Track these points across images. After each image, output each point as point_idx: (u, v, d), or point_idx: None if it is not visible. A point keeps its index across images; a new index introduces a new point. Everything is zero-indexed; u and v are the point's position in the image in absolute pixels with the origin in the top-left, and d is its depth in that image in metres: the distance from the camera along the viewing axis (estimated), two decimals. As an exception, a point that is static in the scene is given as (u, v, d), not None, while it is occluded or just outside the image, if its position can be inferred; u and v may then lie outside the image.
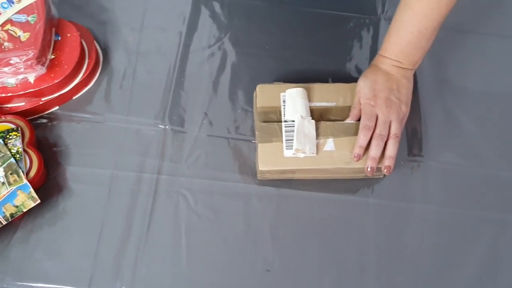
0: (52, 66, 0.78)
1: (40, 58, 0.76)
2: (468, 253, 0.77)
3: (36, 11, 0.79)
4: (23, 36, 0.76)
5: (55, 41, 0.80)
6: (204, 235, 0.76)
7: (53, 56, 0.79)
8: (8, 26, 0.78)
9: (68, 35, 0.80)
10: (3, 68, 0.75)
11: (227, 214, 0.78)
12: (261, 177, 0.78)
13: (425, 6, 0.70)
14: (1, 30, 0.76)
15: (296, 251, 0.76)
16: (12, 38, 0.76)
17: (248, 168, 0.80)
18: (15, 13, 0.79)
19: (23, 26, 0.78)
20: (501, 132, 0.85)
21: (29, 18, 0.77)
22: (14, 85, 0.77)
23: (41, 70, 0.77)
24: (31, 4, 0.79)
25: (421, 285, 0.75)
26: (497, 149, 0.83)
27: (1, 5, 0.78)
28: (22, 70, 0.76)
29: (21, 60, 0.75)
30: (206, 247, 0.76)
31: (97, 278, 0.73)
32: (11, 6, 0.78)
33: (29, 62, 0.75)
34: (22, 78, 0.77)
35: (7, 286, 0.73)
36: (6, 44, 0.76)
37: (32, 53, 0.75)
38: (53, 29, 0.81)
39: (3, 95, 0.77)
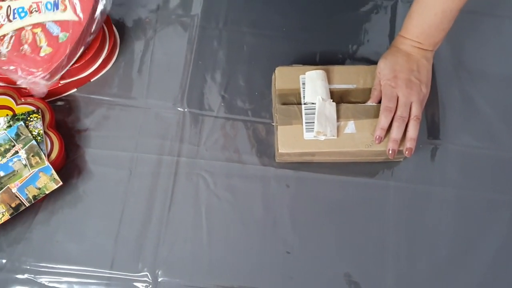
0: (73, 49, 0.78)
1: (48, 78, 0.73)
2: (485, 235, 0.77)
3: (71, 30, 0.74)
4: (44, 49, 0.72)
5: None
6: (224, 217, 0.77)
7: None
8: (39, 30, 0.74)
9: (88, 18, 0.80)
10: (8, 67, 0.72)
11: (246, 196, 0.78)
12: (279, 159, 0.79)
13: None
14: (30, 30, 0.74)
15: (315, 234, 0.76)
16: (34, 45, 0.73)
17: (266, 150, 0.81)
18: (53, 21, 0.75)
19: (51, 39, 0.74)
20: (518, 115, 0.85)
21: (61, 35, 0.73)
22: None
23: (44, 85, 0.73)
24: (71, 21, 0.74)
25: (440, 266, 0.75)
26: (515, 131, 0.83)
27: (45, 5, 0.74)
28: (22, 81, 0.73)
29: (25, 76, 0.71)
30: (226, 229, 0.76)
31: (119, 260, 0.74)
32: (54, 11, 0.74)
33: (32, 79, 0.72)
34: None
35: (30, 267, 0.73)
36: (25, 47, 0.73)
37: (40, 74, 0.72)
38: (81, 49, 0.77)
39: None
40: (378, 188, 0.79)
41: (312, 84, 0.75)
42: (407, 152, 0.73)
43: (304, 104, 0.75)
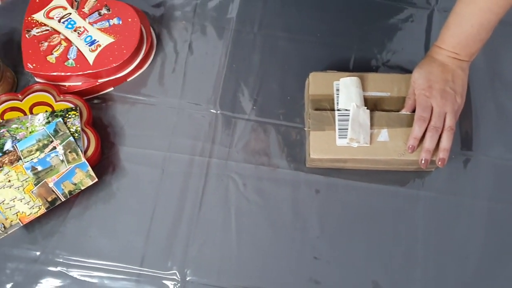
0: (111, 50, 0.80)
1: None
2: (516, 249, 0.77)
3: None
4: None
5: (116, 25, 0.81)
6: (253, 219, 0.77)
7: (113, 39, 0.80)
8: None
9: (129, 20, 0.81)
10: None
11: (275, 200, 0.78)
12: (310, 165, 0.79)
13: (491, 0, 0.69)
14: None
15: (344, 240, 0.76)
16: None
17: (296, 155, 0.81)
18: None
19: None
20: (553, 128, 0.84)
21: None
22: (74, 65, 0.78)
23: None
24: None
25: (468, 279, 0.75)
26: (549, 145, 0.82)
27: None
28: None
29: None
30: (255, 232, 0.77)
31: (149, 257, 0.75)
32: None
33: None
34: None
35: (62, 260, 0.75)
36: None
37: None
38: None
39: (62, 73, 0.78)
40: (409, 197, 0.79)
41: (347, 90, 0.75)
42: (440, 162, 0.73)
43: (338, 110, 0.75)
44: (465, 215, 0.78)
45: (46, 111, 0.77)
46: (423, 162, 0.73)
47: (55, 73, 0.78)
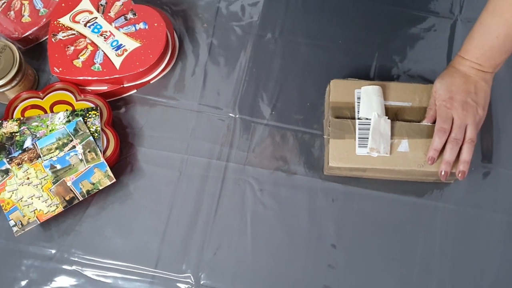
0: (138, 54, 0.80)
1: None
2: (534, 265, 0.76)
3: (51, 8, 0.84)
4: (25, 18, 0.83)
5: (142, 29, 0.81)
6: (268, 225, 0.77)
7: (139, 44, 0.80)
8: (26, 2, 0.82)
9: (155, 24, 0.81)
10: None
11: (292, 207, 0.78)
12: (328, 172, 0.78)
13: None
14: (20, 0, 0.81)
15: (360, 250, 0.76)
16: (19, 13, 0.82)
17: (314, 162, 0.81)
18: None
19: (33, 11, 0.84)
20: None
21: (42, 10, 0.83)
22: (101, 69, 0.79)
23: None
24: (53, 1, 0.85)
25: (485, 293, 0.74)
26: None
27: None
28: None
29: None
30: (271, 237, 0.76)
31: (164, 259, 0.75)
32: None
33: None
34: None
35: (77, 259, 0.75)
36: (11, 13, 0.82)
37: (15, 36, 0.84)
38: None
39: (89, 78, 0.79)
40: (427, 209, 0.78)
41: (368, 99, 0.75)
42: (459, 174, 0.72)
43: (358, 119, 0.75)
44: (484, 228, 0.77)
45: (67, 110, 0.77)
46: (442, 174, 0.72)
47: (81, 77, 0.79)
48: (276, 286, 0.74)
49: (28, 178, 0.73)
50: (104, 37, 0.80)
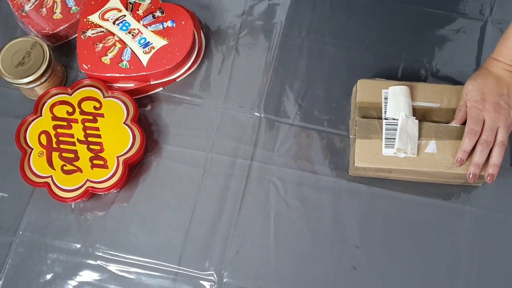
0: (165, 52, 0.80)
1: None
2: None
3: (82, 7, 0.85)
4: (57, 15, 0.84)
5: (170, 27, 0.82)
6: (292, 225, 0.77)
7: (166, 42, 0.81)
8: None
9: (183, 22, 0.82)
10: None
11: (315, 207, 0.78)
12: (353, 173, 0.78)
13: None
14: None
15: (384, 252, 0.75)
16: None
17: (339, 162, 0.80)
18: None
19: (65, 8, 0.85)
20: None
21: (73, 7, 0.85)
22: (128, 67, 0.79)
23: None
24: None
25: (513, 300, 0.72)
26: None
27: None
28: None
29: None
30: (294, 237, 0.76)
31: (187, 256, 0.75)
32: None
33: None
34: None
35: (102, 254, 0.76)
36: (43, 10, 0.84)
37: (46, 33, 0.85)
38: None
39: (117, 74, 0.79)
40: (453, 212, 0.76)
41: (395, 99, 0.74)
42: (488, 178, 0.71)
43: (385, 119, 0.74)
44: (511, 234, 0.75)
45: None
46: (471, 176, 0.71)
47: (109, 74, 0.79)
48: (298, 285, 0.74)
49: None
50: (132, 35, 0.81)
